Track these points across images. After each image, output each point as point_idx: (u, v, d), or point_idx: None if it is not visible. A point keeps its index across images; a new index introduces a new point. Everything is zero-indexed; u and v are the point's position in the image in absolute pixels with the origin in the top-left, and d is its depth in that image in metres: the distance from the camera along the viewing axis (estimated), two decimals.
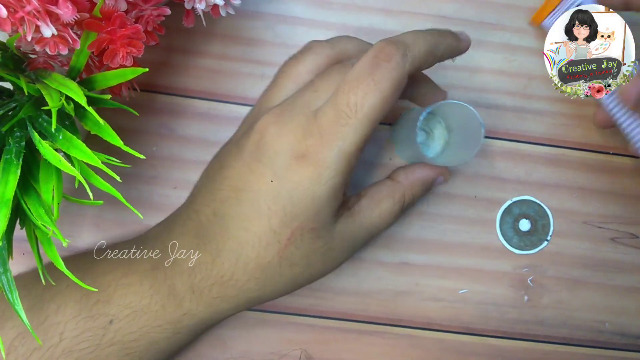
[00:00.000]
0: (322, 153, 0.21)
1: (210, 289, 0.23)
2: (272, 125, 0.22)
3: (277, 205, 0.22)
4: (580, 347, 0.31)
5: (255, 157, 0.23)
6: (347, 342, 0.30)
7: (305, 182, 0.22)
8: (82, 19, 0.21)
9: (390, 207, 0.25)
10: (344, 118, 0.21)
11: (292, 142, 0.22)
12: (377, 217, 0.25)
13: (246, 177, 0.23)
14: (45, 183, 0.22)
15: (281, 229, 0.22)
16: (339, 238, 0.24)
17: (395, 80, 0.21)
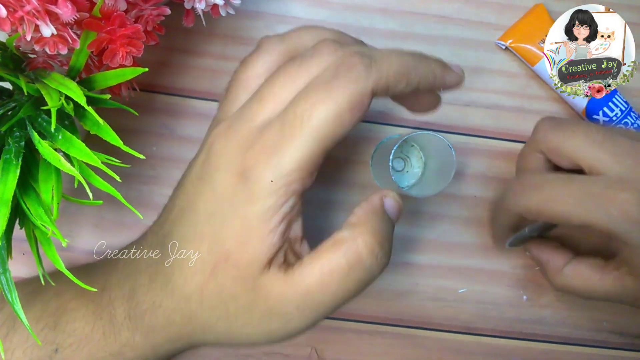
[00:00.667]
0: (258, 169, 0.18)
1: (144, 316, 0.21)
2: (217, 141, 0.20)
3: (209, 227, 0.19)
4: (578, 347, 0.31)
5: (200, 174, 0.21)
6: (347, 342, 0.30)
7: (238, 200, 0.19)
8: (81, 19, 0.21)
9: (336, 265, 0.18)
10: (288, 128, 0.18)
11: (232, 158, 0.19)
12: (317, 281, 0.18)
13: (191, 197, 0.21)
14: (45, 183, 0.22)
15: (208, 256, 0.19)
16: (263, 295, 0.19)
17: (354, 95, 0.18)
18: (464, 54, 0.31)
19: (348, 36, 0.22)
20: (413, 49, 0.30)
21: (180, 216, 0.21)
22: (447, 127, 0.31)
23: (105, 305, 0.22)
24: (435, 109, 0.23)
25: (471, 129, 0.31)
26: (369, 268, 0.19)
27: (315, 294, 0.18)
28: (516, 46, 0.29)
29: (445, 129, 0.31)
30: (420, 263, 0.31)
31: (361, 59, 0.18)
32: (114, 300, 0.22)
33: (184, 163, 0.30)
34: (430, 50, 0.31)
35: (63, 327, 0.23)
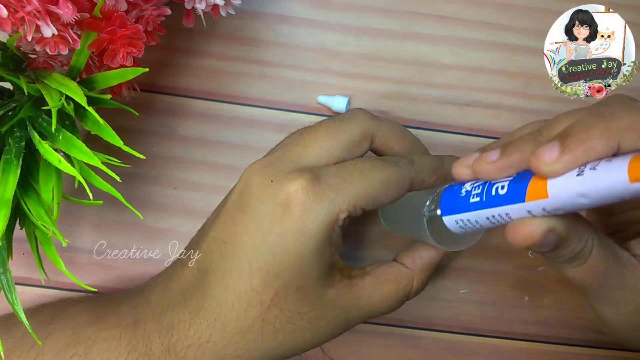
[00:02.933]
0: (309, 203, 0.20)
1: (187, 351, 0.21)
2: (257, 174, 0.21)
3: (259, 261, 0.20)
4: (580, 347, 0.31)
5: (239, 206, 0.21)
6: (347, 342, 0.30)
7: (289, 235, 0.20)
8: (82, 19, 0.21)
9: (394, 293, 0.23)
10: (346, 175, 0.21)
11: (277, 191, 0.20)
12: (378, 301, 0.23)
13: (230, 229, 0.21)
14: (45, 183, 0.22)
15: (264, 289, 0.20)
16: (330, 307, 0.21)
17: (399, 175, 0.21)
18: (464, 54, 0.31)
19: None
20: (413, 49, 0.31)
21: (219, 249, 0.21)
22: (448, 127, 0.31)
23: (140, 338, 0.22)
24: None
25: (471, 128, 0.31)
26: (408, 299, 0.24)
27: (374, 308, 0.23)
28: None
29: (445, 129, 0.31)
30: None
31: (405, 159, 0.22)
32: (149, 334, 0.22)
33: (185, 163, 0.31)
34: (431, 50, 0.31)
35: (93, 357, 0.22)
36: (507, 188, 0.18)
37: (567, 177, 0.16)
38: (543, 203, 0.17)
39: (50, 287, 0.29)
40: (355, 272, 0.23)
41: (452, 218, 0.20)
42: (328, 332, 0.22)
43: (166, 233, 0.30)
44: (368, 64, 0.30)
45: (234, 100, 0.30)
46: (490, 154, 0.19)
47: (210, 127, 0.30)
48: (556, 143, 0.17)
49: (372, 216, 0.30)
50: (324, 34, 0.30)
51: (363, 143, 0.23)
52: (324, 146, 0.22)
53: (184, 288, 0.22)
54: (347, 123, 0.23)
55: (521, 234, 0.18)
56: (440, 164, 0.23)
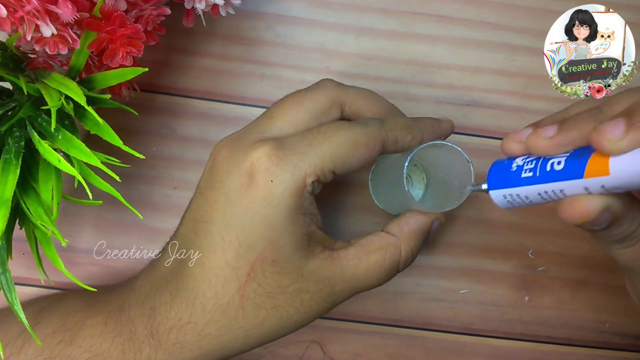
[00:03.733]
0: (273, 168, 0.19)
1: (169, 334, 0.21)
2: (224, 148, 0.21)
3: (230, 234, 0.20)
4: (580, 348, 0.31)
5: (208, 183, 0.21)
6: (347, 342, 0.30)
7: (255, 204, 0.20)
8: (81, 19, 0.21)
9: (380, 261, 0.22)
10: (310, 139, 0.20)
11: (242, 162, 0.20)
12: (364, 271, 0.22)
13: (202, 207, 0.21)
14: (45, 183, 0.22)
15: (238, 263, 0.20)
16: (313, 279, 0.21)
17: (369, 135, 0.21)
18: (464, 54, 0.31)
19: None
20: (413, 49, 0.31)
21: (194, 228, 0.21)
22: None
23: (125, 323, 0.22)
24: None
25: (471, 128, 0.31)
26: (398, 270, 0.23)
27: (361, 279, 0.22)
28: None
29: None
30: (421, 263, 0.30)
31: (375, 119, 0.22)
32: (133, 318, 0.22)
33: (185, 163, 0.30)
34: (431, 50, 0.31)
35: (80, 342, 0.22)
36: (564, 164, 0.18)
37: (631, 155, 0.16)
38: (603, 180, 0.16)
39: (49, 287, 0.29)
40: (339, 244, 0.22)
41: (501, 192, 0.20)
42: (313, 307, 0.21)
43: (166, 233, 0.30)
44: (368, 64, 0.30)
45: (233, 100, 0.30)
46: (547, 129, 0.18)
47: (210, 127, 0.30)
48: (622, 120, 0.16)
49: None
50: (323, 34, 0.30)
51: (332, 111, 0.22)
52: (290, 115, 0.21)
53: (164, 273, 0.22)
54: (313, 91, 0.22)
55: (577, 211, 0.17)
56: (415, 122, 0.22)
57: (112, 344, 0.22)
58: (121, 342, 0.22)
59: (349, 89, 0.23)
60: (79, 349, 0.22)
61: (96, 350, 0.22)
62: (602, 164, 0.16)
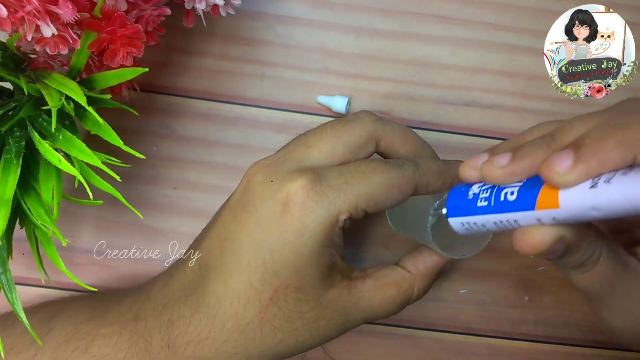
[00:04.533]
0: (309, 203, 0.20)
1: (186, 347, 0.21)
2: (259, 172, 0.21)
3: (258, 259, 0.20)
4: (580, 347, 0.31)
5: (240, 204, 0.21)
6: (347, 342, 0.30)
7: (287, 234, 0.20)
8: (82, 19, 0.21)
9: (394, 297, 0.23)
10: (347, 176, 0.21)
11: (278, 191, 0.20)
12: (378, 304, 0.22)
13: (230, 226, 0.22)
14: (45, 183, 0.22)
15: (262, 287, 0.20)
16: (330, 308, 0.22)
17: (403, 179, 0.21)
18: (464, 54, 0.31)
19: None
20: (413, 49, 0.31)
21: (220, 245, 0.22)
22: (448, 127, 0.31)
23: (141, 334, 0.22)
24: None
25: (471, 128, 0.31)
26: (408, 304, 0.24)
27: (373, 311, 0.23)
28: None
29: (445, 129, 0.31)
30: None
31: (409, 162, 0.22)
32: (150, 329, 0.22)
33: (185, 163, 0.31)
34: (431, 50, 0.31)
35: (94, 351, 0.22)
36: (516, 194, 0.17)
37: (580, 188, 0.15)
38: (553, 213, 0.16)
39: (50, 287, 0.29)
40: (356, 273, 0.23)
41: (458, 220, 0.20)
42: (327, 333, 0.22)
43: (166, 233, 0.30)
44: (368, 64, 0.30)
45: (233, 100, 0.30)
46: (500, 157, 0.18)
47: (210, 127, 0.30)
48: (570, 152, 0.16)
49: (376, 218, 0.30)
50: (323, 34, 0.30)
51: (368, 145, 0.23)
52: (327, 147, 0.22)
53: (184, 285, 0.22)
54: (352, 124, 0.23)
55: (529, 242, 0.17)
56: (447, 168, 0.23)
57: (127, 353, 0.22)
58: (136, 352, 0.22)
59: (386, 124, 0.23)
60: (93, 357, 0.22)
61: (111, 359, 0.22)
62: (552, 196, 0.16)
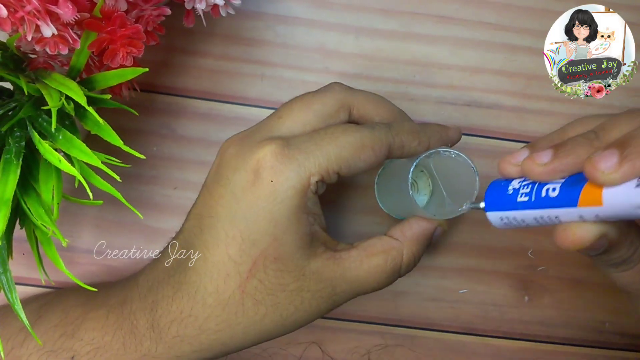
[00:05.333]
0: (279, 166, 0.20)
1: (170, 327, 0.21)
2: (232, 145, 0.22)
3: (234, 229, 0.20)
4: (580, 347, 0.31)
5: (215, 179, 0.22)
6: (347, 342, 0.30)
7: (260, 200, 0.20)
8: (82, 19, 0.21)
9: (382, 265, 0.22)
10: (317, 139, 0.20)
11: (249, 159, 0.20)
12: (365, 273, 0.22)
13: (207, 202, 0.21)
14: (45, 183, 0.22)
15: (241, 258, 0.20)
16: (314, 279, 0.21)
17: (376, 139, 0.21)
18: (464, 54, 0.31)
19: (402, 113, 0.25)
20: (413, 49, 0.31)
21: (199, 223, 0.22)
22: None
23: (127, 316, 0.22)
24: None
25: (472, 128, 0.31)
26: (400, 275, 0.23)
27: (362, 282, 0.22)
28: None
29: None
30: (421, 263, 0.30)
31: (382, 124, 0.22)
32: (135, 312, 0.22)
33: (185, 163, 0.31)
34: (431, 50, 0.31)
35: (81, 335, 0.22)
36: (558, 191, 0.17)
37: (624, 187, 0.15)
38: (596, 210, 0.16)
39: (50, 286, 0.29)
40: (341, 246, 0.22)
41: (497, 215, 0.20)
42: (313, 306, 0.21)
43: (166, 233, 0.30)
44: (368, 64, 0.30)
45: (233, 100, 0.30)
46: (541, 154, 0.18)
47: (210, 127, 0.30)
48: (615, 151, 0.15)
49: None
50: (323, 34, 0.30)
51: (340, 113, 0.22)
52: (298, 116, 0.22)
53: (168, 267, 0.22)
54: (322, 93, 0.22)
55: (571, 238, 0.17)
56: (422, 128, 0.22)
57: (113, 337, 0.22)
58: (122, 335, 0.22)
59: (357, 92, 0.23)
60: (80, 342, 0.22)
61: (97, 343, 0.22)
62: (596, 194, 0.16)
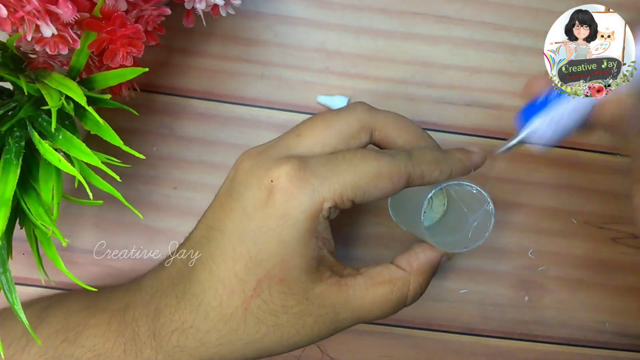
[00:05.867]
0: (293, 189, 0.19)
1: (171, 336, 0.21)
2: (247, 160, 0.21)
3: (242, 246, 0.20)
4: (580, 348, 0.31)
5: (228, 192, 0.21)
6: (347, 342, 0.30)
7: (271, 221, 0.20)
8: (82, 19, 0.21)
9: (387, 295, 0.21)
10: (333, 164, 0.20)
11: (263, 177, 0.20)
12: (370, 302, 0.21)
13: (217, 214, 0.21)
14: (45, 183, 0.22)
15: (247, 276, 0.20)
16: (317, 304, 0.21)
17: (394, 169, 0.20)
18: (464, 54, 0.31)
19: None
20: (413, 49, 0.31)
21: (207, 234, 0.21)
22: (448, 127, 0.31)
23: (129, 323, 0.22)
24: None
25: (472, 128, 0.31)
26: (405, 305, 0.22)
27: (366, 310, 0.21)
28: None
29: (446, 129, 0.31)
30: None
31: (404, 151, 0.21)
32: (138, 319, 0.22)
33: (184, 163, 0.31)
34: (431, 50, 0.31)
35: (83, 341, 0.22)
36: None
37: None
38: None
39: (50, 287, 0.29)
40: (348, 271, 0.22)
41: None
42: (314, 330, 0.21)
43: (166, 233, 0.30)
44: (368, 64, 0.30)
45: (233, 100, 0.30)
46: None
47: (209, 127, 0.30)
48: None
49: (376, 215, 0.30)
50: (323, 34, 0.30)
51: (361, 135, 0.22)
52: (317, 136, 0.21)
53: (173, 274, 0.22)
54: (344, 113, 0.22)
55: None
56: (445, 157, 0.22)
57: (114, 343, 0.22)
58: (123, 342, 0.22)
59: (379, 113, 0.22)
60: (81, 348, 0.22)
61: (99, 349, 0.22)
62: None
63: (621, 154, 0.31)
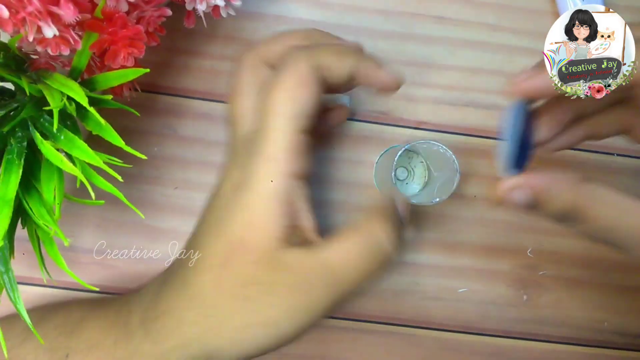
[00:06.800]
0: (251, 164, 0.20)
1: (157, 320, 0.21)
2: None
3: (218, 226, 0.20)
4: (579, 347, 0.31)
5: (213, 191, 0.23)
6: (347, 341, 0.30)
7: (238, 194, 0.20)
8: (83, 20, 0.21)
9: (355, 249, 0.20)
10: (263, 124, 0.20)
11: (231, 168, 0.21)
12: (340, 261, 0.19)
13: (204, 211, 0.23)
14: (47, 183, 0.22)
15: (220, 250, 0.20)
16: (286, 270, 0.19)
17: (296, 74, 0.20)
18: (463, 55, 0.31)
19: (317, 32, 0.23)
20: (412, 49, 0.31)
21: (196, 230, 0.23)
22: (447, 127, 0.31)
23: (124, 315, 0.23)
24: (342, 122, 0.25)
25: (471, 129, 0.31)
26: (386, 250, 0.20)
27: (339, 270, 0.19)
28: None
29: (445, 129, 0.31)
30: (420, 262, 0.31)
31: (301, 49, 0.21)
32: (132, 310, 0.23)
33: (186, 163, 0.31)
34: (430, 51, 0.31)
35: (78, 334, 0.23)
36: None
37: None
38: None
39: (52, 286, 0.29)
40: (319, 240, 0.21)
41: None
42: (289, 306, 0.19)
43: (167, 233, 0.30)
44: None
45: None
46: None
47: (211, 127, 0.30)
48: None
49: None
50: None
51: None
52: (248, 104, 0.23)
53: (170, 269, 0.23)
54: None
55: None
56: (348, 50, 0.21)
57: (108, 334, 0.22)
58: (115, 333, 0.22)
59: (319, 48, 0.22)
60: (77, 340, 0.23)
61: (92, 340, 0.22)
62: None
63: (623, 154, 0.32)
